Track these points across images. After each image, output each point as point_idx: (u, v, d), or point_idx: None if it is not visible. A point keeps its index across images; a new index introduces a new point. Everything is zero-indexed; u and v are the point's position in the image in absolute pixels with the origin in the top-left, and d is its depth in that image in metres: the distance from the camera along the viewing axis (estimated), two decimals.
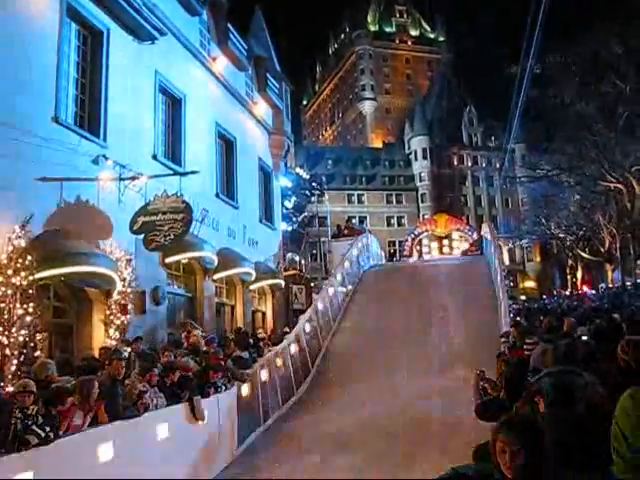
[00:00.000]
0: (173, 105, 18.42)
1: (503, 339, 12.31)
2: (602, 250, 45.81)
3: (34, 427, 6.29)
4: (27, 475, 6.08)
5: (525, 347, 8.70)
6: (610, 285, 42.50)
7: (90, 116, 14.56)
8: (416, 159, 79.30)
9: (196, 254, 16.86)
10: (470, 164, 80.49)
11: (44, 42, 12.96)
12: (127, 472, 7.89)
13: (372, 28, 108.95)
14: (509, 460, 3.04)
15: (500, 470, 3.08)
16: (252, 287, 21.86)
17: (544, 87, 35.71)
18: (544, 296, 44.20)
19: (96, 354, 11.68)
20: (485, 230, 28.64)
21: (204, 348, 13.19)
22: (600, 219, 43.87)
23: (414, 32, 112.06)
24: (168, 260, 16.32)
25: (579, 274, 53.58)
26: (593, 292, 41.18)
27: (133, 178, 14.66)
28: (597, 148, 37.69)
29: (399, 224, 76.31)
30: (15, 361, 9.98)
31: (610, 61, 34.71)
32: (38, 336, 11.18)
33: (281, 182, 28.08)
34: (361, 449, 10.76)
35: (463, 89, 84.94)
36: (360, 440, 11.28)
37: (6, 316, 10.32)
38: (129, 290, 13.94)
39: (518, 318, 15.69)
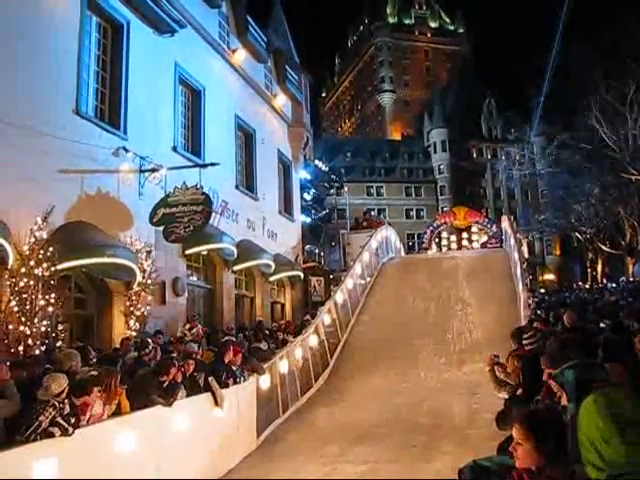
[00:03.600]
0: (193, 97, 18.50)
1: None
2: (623, 243, 45.42)
3: (59, 419, 6.35)
4: (52, 461, 6.16)
5: (524, 342, 8.65)
6: (631, 279, 42.09)
7: (110, 108, 14.67)
8: (435, 151, 78.86)
9: (215, 246, 16.96)
10: (489, 156, 79.93)
11: (65, 35, 13.05)
12: (148, 461, 7.97)
13: (391, 20, 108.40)
14: (522, 454, 3.04)
15: None
16: (271, 279, 21.93)
17: (567, 77, 35.41)
18: (564, 289, 43.89)
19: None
20: (505, 223, 28.49)
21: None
22: (621, 212, 43.48)
23: (433, 24, 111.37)
24: (188, 252, 16.43)
25: (599, 267, 53.18)
26: (614, 285, 40.86)
27: (153, 170, 14.77)
28: (619, 140, 37.38)
29: (418, 216, 76.01)
30: (37, 351, 10.10)
31: (634, 51, 34.30)
32: (59, 327, 11.30)
33: (300, 174, 28.12)
34: (379, 440, 10.76)
35: (482, 81, 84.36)
36: (378, 431, 11.30)
37: (28, 307, 10.45)
38: (149, 282, 14.04)
39: (539, 312, 15.58)
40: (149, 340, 11.51)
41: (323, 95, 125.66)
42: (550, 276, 69.34)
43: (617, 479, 2.32)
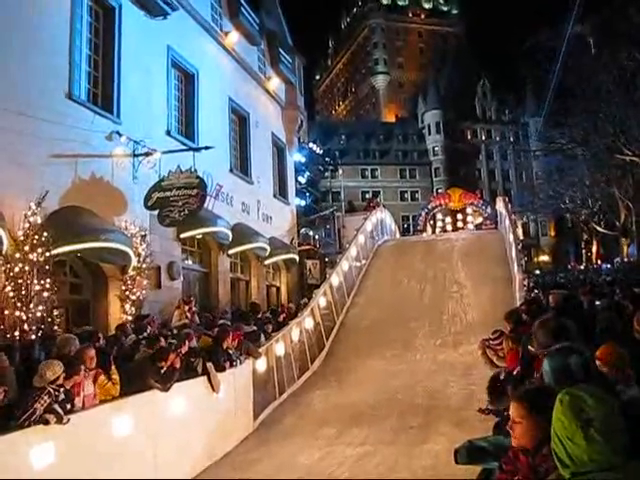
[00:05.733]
0: (186, 80, 18.39)
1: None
2: (617, 224, 45.43)
3: (55, 406, 6.36)
4: (48, 446, 6.18)
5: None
6: (626, 259, 42.19)
7: (103, 92, 14.58)
8: (429, 133, 78.86)
9: (210, 229, 16.93)
10: (484, 138, 79.93)
11: (56, 19, 12.93)
12: (145, 445, 8.00)
13: (385, 1, 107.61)
14: (520, 433, 3.06)
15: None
16: (266, 262, 21.92)
17: (564, 57, 35.19)
18: (559, 270, 44.01)
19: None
20: (499, 204, 28.50)
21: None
22: (616, 192, 43.45)
23: (427, 5, 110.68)
24: (182, 236, 16.41)
25: (594, 248, 53.25)
26: (608, 266, 40.96)
27: (147, 154, 14.70)
28: (613, 121, 37.29)
29: (413, 199, 76.13)
30: (33, 336, 10.08)
31: (628, 32, 34.10)
32: (55, 312, 11.28)
33: (294, 157, 28.05)
34: (376, 422, 10.81)
35: (476, 62, 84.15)
36: (375, 413, 11.35)
37: (24, 292, 10.42)
38: (144, 266, 14.01)
39: (536, 291, 15.59)
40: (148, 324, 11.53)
41: (317, 78, 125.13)
42: (545, 257, 69.57)
43: (580, 477, 2.35)
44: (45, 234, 10.86)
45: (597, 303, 10.77)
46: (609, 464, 2.32)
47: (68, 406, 6.61)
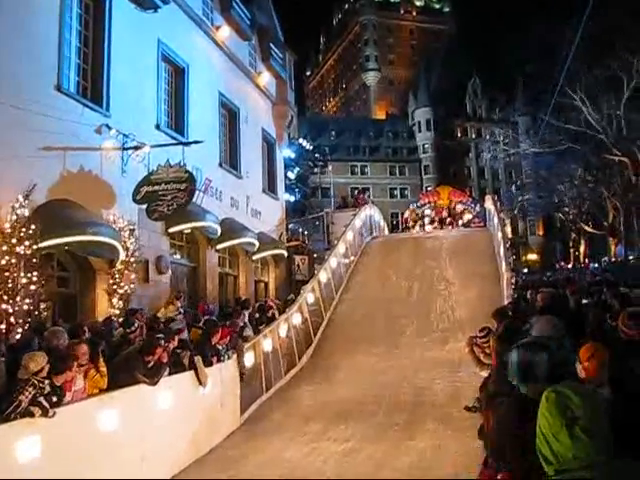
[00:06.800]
0: (176, 74, 18.34)
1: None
2: (605, 224, 45.68)
3: (41, 399, 6.33)
4: (34, 439, 6.16)
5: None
6: (613, 259, 42.43)
7: (93, 85, 14.52)
8: (420, 131, 78.97)
9: (199, 224, 16.89)
10: (474, 136, 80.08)
11: (46, 10, 12.86)
12: (132, 439, 7.98)
13: None
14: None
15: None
16: (255, 257, 21.89)
17: (552, 57, 35.35)
18: (546, 269, 44.16)
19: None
20: (488, 202, 28.54)
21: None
22: (604, 192, 43.69)
23: (419, 2, 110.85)
24: (171, 230, 16.37)
25: (582, 248, 53.50)
26: (596, 265, 41.20)
27: (136, 148, 14.66)
28: (602, 120, 37.49)
29: (402, 195, 76.22)
30: (20, 329, 10.04)
31: (618, 32, 34.27)
32: (42, 305, 11.24)
33: (284, 153, 28.02)
34: (363, 419, 10.84)
35: (468, 60, 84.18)
36: (362, 409, 11.37)
37: (10, 285, 10.38)
38: (132, 260, 13.98)
39: (530, 291, 15.59)
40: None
41: (307, 73, 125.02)
42: (533, 256, 69.80)
43: (563, 474, 2.36)
44: (33, 227, 10.82)
45: (584, 302, 10.86)
46: (592, 462, 2.33)
47: (54, 399, 6.58)
